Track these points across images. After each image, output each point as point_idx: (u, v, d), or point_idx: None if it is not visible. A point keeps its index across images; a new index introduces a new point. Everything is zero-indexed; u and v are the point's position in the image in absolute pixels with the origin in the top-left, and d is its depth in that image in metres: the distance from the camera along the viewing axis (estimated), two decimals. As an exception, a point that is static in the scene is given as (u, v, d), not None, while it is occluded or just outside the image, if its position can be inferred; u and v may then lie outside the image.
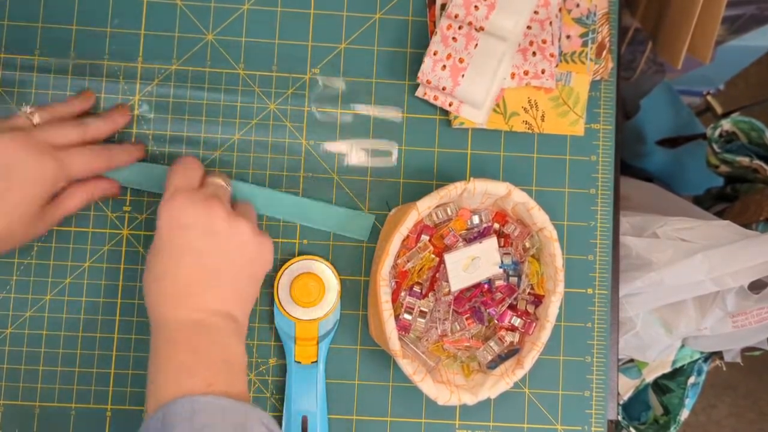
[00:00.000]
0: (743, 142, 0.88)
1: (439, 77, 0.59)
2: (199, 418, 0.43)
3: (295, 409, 0.58)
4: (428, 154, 0.62)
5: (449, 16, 0.59)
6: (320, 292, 0.58)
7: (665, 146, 1.15)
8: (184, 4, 0.61)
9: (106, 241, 0.59)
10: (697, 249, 0.63)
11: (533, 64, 0.59)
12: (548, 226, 0.54)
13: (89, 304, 0.59)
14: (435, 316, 0.55)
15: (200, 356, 0.47)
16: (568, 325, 0.61)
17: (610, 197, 0.62)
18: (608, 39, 0.62)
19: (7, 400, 0.58)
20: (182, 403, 0.43)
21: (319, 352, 0.58)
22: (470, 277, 0.54)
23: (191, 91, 0.60)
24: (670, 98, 1.15)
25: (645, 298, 0.69)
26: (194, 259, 0.49)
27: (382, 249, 0.53)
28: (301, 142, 0.61)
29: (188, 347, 0.47)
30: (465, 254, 0.54)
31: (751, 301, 0.67)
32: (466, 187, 0.52)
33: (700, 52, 0.76)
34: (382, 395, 0.60)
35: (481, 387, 0.53)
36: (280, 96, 0.61)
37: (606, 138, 0.63)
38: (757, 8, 0.95)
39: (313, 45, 0.61)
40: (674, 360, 0.85)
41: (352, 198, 0.61)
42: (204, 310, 0.49)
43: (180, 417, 0.43)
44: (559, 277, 0.54)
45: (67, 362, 0.58)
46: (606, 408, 0.61)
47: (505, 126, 0.61)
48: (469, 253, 0.54)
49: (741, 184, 0.92)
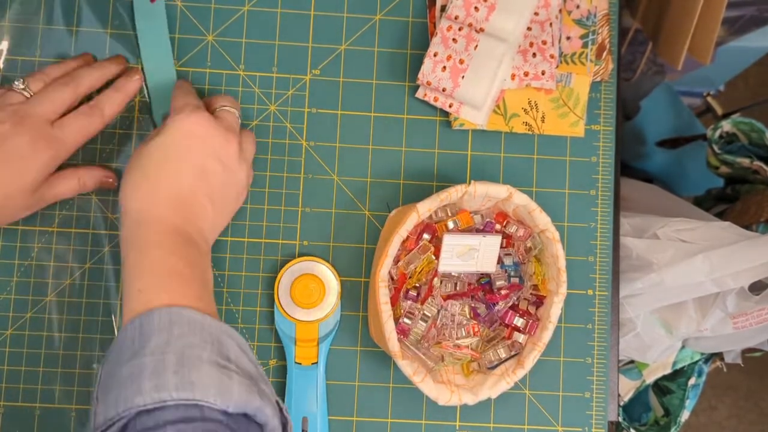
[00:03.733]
0: (743, 143, 0.88)
1: (439, 78, 0.59)
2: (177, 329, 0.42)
3: (295, 411, 0.58)
4: (428, 155, 0.62)
5: (449, 18, 0.59)
6: (320, 294, 0.58)
7: (665, 147, 1.15)
8: (185, 5, 0.61)
9: (107, 242, 0.59)
10: (698, 250, 0.63)
11: (533, 65, 0.59)
12: (550, 228, 0.54)
13: (90, 306, 0.59)
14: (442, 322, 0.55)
15: (191, 268, 0.46)
16: (569, 326, 0.61)
17: (611, 198, 0.62)
18: (608, 40, 0.62)
19: (7, 402, 0.58)
20: (160, 313, 0.42)
21: (320, 353, 0.58)
22: (462, 265, 0.54)
23: (191, 93, 0.60)
24: (671, 99, 1.15)
25: (645, 299, 0.69)
26: (197, 174, 0.49)
27: (382, 250, 0.53)
28: (302, 143, 0.61)
29: (180, 255, 0.46)
30: (464, 241, 0.54)
31: (751, 302, 0.67)
32: (466, 189, 0.52)
33: (701, 53, 0.76)
34: (382, 396, 0.60)
35: (482, 387, 0.53)
36: (281, 97, 0.61)
37: (606, 139, 0.63)
38: (757, 9, 0.95)
39: (313, 46, 0.61)
40: (675, 361, 0.85)
41: (352, 198, 0.61)
42: (194, 225, 0.49)
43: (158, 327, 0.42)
44: (561, 278, 0.54)
45: (67, 364, 0.58)
46: (606, 409, 0.61)
47: (505, 127, 0.61)
48: (469, 242, 0.54)
49: (741, 185, 0.92)
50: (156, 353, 0.40)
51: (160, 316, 0.42)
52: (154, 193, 0.48)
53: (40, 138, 0.51)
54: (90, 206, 0.59)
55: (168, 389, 0.38)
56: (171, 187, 0.49)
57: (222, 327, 0.44)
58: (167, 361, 0.40)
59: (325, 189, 0.61)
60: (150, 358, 0.40)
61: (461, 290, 0.56)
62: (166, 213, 0.48)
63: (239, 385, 0.40)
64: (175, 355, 0.40)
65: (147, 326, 0.42)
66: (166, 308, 0.43)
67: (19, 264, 0.59)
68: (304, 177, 0.61)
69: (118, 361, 0.41)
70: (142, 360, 0.40)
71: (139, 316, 0.43)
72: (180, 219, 0.48)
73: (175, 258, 0.46)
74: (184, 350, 0.41)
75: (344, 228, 0.61)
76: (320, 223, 0.60)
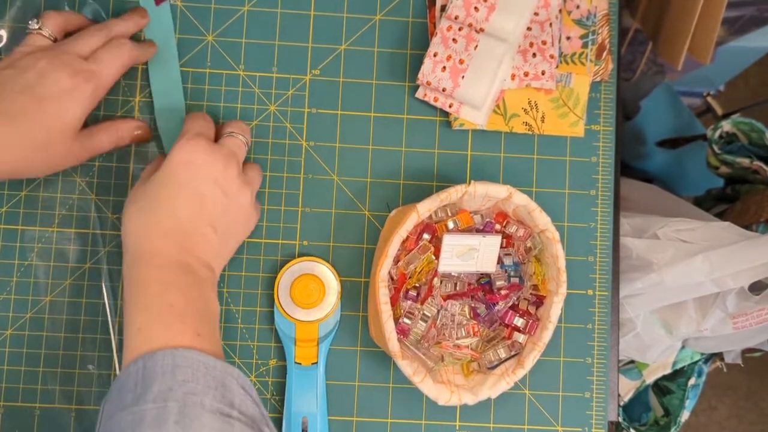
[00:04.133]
0: (743, 143, 0.88)
1: (439, 78, 0.59)
2: (181, 373, 0.42)
3: (295, 411, 0.58)
4: (428, 155, 0.62)
5: (449, 18, 0.59)
6: (320, 294, 0.58)
7: (665, 147, 1.15)
8: (185, 5, 0.61)
9: (106, 242, 0.59)
10: (698, 250, 0.63)
11: (533, 65, 0.59)
12: (550, 228, 0.54)
13: (90, 306, 0.59)
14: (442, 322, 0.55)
15: (190, 302, 0.46)
16: (569, 326, 0.61)
17: (611, 198, 0.62)
18: (608, 40, 0.62)
19: (7, 402, 0.58)
20: (164, 355, 0.42)
21: (320, 353, 0.58)
22: (462, 265, 0.54)
23: (192, 93, 0.60)
24: (671, 99, 1.15)
25: (645, 299, 0.69)
26: (196, 203, 0.49)
27: (382, 250, 0.53)
28: (302, 143, 0.61)
29: (179, 289, 0.46)
30: (464, 241, 0.54)
31: (751, 302, 0.67)
32: (466, 190, 0.52)
33: (701, 53, 0.76)
34: (382, 396, 0.60)
35: (482, 387, 0.53)
36: (281, 97, 0.61)
37: (606, 139, 0.63)
38: (757, 9, 0.95)
39: (313, 46, 0.61)
40: (675, 361, 0.85)
41: (352, 198, 0.61)
42: (195, 256, 0.48)
43: (161, 370, 0.41)
44: (561, 278, 0.54)
45: (67, 364, 0.58)
46: (606, 409, 0.61)
47: (505, 127, 0.61)
48: (468, 242, 0.54)
49: (741, 185, 0.92)
50: (158, 400, 0.40)
51: (163, 358, 0.42)
52: (151, 226, 0.48)
53: (79, 72, 0.51)
54: (90, 206, 0.59)
55: None
56: (169, 219, 0.48)
57: (226, 369, 0.44)
58: (169, 410, 0.40)
59: (325, 189, 0.61)
60: (152, 405, 0.40)
61: (461, 290, 0.56)
62: (165, 246, 0.47)
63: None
64: (176, 403, 0.40)
65: (150, 369, 0.42)
66: (170, 350, 0.42)
67: (19, 264, 0.59)
68: (304, 177, 0.61)
69: (121, 404, 0.41)
70: (144, 408, 0.40)
71: (143, 357, 0.42)
72: (180, 251, 0.47)
73: (173, 294, 0.46)
74: (186, 398, 0.40)
75: (344, 228, 0.61)
76: (320, 223, 0.60)
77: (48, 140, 0.50)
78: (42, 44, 0.53)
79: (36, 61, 0.50)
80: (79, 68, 0.51)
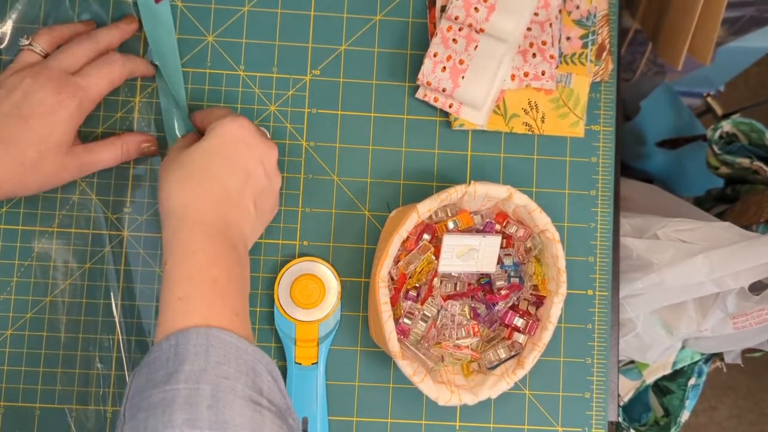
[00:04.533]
0: (743, 144, 0.88)
1: (439, 79, 0.59)
2: (215, 355, 0.41)
3: (295, 411, 0.58)
4: (428, 155, 0.62)
5: (449, 18, 0.60)
6: (320, 294, 0.58)
7: (665, 147, 1.15)
8: (185, 5, 0.61)
9: (107, 242, 0.59)
10: (698, 250, 0.63)
11: (533, 65, 0.59)
12: (550, 228, 0.54)
13: (90, 306, 0.59)
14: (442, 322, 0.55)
15: (232, 280, 0.45)
16: (569, 326, 0.61)
17: (611, 198, 0.62)
18: (608, 40, 0.62)
19: (7, 402, 0.58)
20: (197, 333, 0.41)
21: (320, 353, 0.58)
22: (462, 265, 0.54)
23: (192, 93, 0.60)
24: (671, 99, 1.15)
25: (645, 300, 0.69)
26: (243, 177, 0.49)
27: (382, 250, 0.53)
28: (302, 143, 0.61)
29: (224, 264, 0.45)
30: (464, 241, 0.54)
31: (751, 302, 0.67)
32: (466, 190, 0.53)
33: (701, 53, 0.76)
34: (382, 396, 0.60)
35: (482, 387, 0.53)
36: (281, 97, 0.61)
37: (606, 139, 0.63)
38: (757, 10, 0.95)
39: (313, 46, 0.62)
40: (675, 361, 0.85)
41: (352, 199, 0.61)
42: (238, 229, 0.48)
43: (194, 350, 0.40)
44: (561, 279, 0.54)
45: (67, 364, 0.58)
46: (606, 409, 0.61)
47: (505, 127, 0.61)
48: (468, 242, 0.54)
49: (741, 186, 0.92)
50: (190, 381, 0.39)
51: (197, 337, 0.41)
52: (200, 191, 0.47)
53: (63, 88, 0.50)
54: (90, 206, 0.59)
55: (201, 427, 0.37)
56: (219, 185, 0.48)
57: (257, 354, 0.43)
58: (201, 392, 0.39)
59: (325, 189, 0.61)
60: (184, 386, 0.39)
61: (461, 290, 0.56)
62: (212, 214, 0.47)
63: (271, 424, 0.40)
64: (209, 385, 0.39)
65: (183, 347, 0.41)
66: (204, 329, 0.42)
67: (19, 264, 0.59)
68: (304, 177, 0.61)
69: (151, 381, 0.40)
70: (176, 387, 0.39)
71: (176, 334, 0.41)
72: (225, 222, 0.47)
73: (217, 268, 0.45)
74: (219, 382, 0.40)
75: (344, 228, 0.61)
76: (320, 223, 0.60)
77: (38, 159, 0.50)
78: (32, 60, 0.53)
79: (21, 81, 0.50)
80: (65, 83, 0.51)
